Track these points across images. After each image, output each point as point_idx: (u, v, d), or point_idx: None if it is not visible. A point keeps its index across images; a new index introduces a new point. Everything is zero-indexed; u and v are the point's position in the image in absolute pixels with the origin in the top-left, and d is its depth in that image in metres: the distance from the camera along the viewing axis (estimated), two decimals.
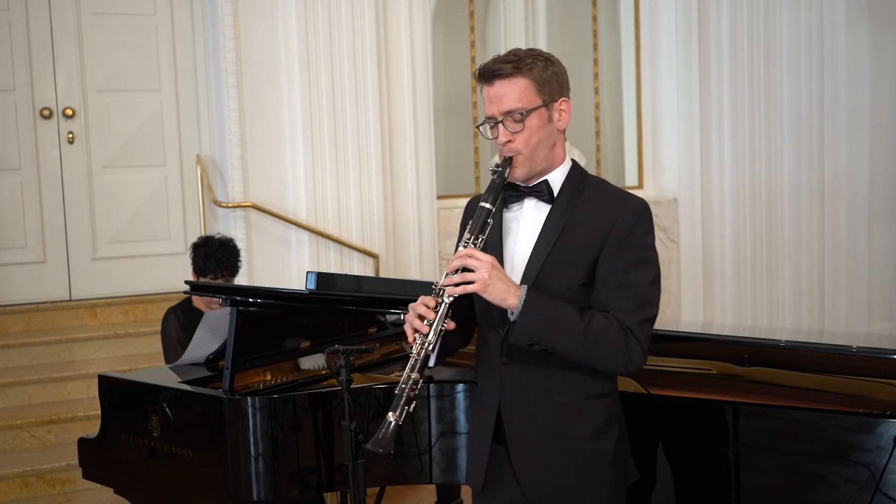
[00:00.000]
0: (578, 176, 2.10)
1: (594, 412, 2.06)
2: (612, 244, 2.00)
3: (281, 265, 5.23)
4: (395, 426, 1.92)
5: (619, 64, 6.61)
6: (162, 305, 4.71)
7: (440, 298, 1.95)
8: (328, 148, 5.18)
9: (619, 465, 2.09)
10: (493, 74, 2.02)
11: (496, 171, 2.03)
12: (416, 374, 1.94)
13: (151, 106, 5.65)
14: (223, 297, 2.83)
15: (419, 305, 1.97)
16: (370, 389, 2.73)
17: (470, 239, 1.98)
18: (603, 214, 2.02)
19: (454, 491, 3.68)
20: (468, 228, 1.99)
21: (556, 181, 2.08)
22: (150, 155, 5.66)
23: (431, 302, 1.95)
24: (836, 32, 6.40)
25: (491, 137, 2.08)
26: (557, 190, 2.08)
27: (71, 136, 5.48)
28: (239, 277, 3.95)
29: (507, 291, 1.93)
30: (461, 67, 6.14)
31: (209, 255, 3.75)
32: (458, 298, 1.95)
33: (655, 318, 2.04)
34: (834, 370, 2.65)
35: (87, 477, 3.18)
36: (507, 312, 2.00)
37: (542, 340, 1.96)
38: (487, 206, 1.99)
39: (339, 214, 5.21)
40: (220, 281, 3.74)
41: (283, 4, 5.12)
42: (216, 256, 3.75)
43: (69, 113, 5.47)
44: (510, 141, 2.02)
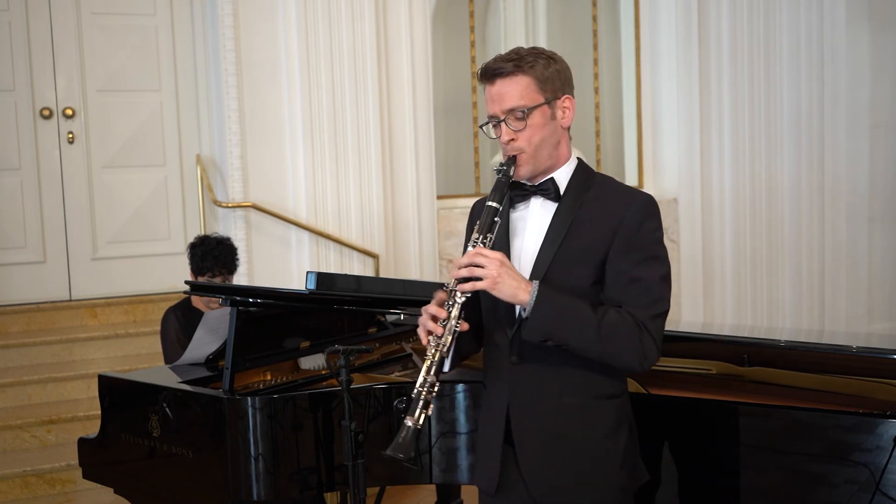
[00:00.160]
0: (585, 173, 2.09)
1: (603, 413, 2.04)
2: (620, 241, 1.97)
3: (281, 265, 5.23)
4: (414, 430, 1.88)
5: (619, 64, 6.60)
6: (162, 305, 4.71)
7: (452, 299, 1.92)
8: (328, 148, 5.18)
9: (627, 466, 2.06)
10: (494, 73, 2.01)
11: (501, 169, 2.01)
12: (431, 376, 1.90)
13: (151, 106, 5.65)
14: (223, 296, 2.83)
15: (432, 306, 1.95)
16: (370, 389, 2.72)
17: (478, 238, 1.95)
18: (610, 212, 2.00)
19: (454, 491, 3.68)
20: (476, 228, 1.97)
21: (561, 179, 2.06)
22: (150, 155, 5.66)
23: (444, 302, 1.93)
24: (836, 32, 6.39)
25: (494, 137, 2.06)
26: (564, 188, 2.05)
27: (71, 136, 5.48)
28: (239, 277, 3.95)
29: (517, 287, 1.91)
30: (461, 67, 6.14)
31: (206, 253, 3.74)
32: (470, 299, 1.93)
33: (667, 313, 2.01)
34: (834, 370, 2.64)
35: (87, 477, 3.18)
36: (515, 311, 1.99)
37: (555, 336, 1.93)
38: (494, 204, 1.96)
39: (339, 214, 5.21)
40: (218, 279, 3.74)
41: (283, 4, 5.12)
42: (214, 255, 3.74)
43: (69, 113, 5.47)
44: (513, 139, 2.00)
